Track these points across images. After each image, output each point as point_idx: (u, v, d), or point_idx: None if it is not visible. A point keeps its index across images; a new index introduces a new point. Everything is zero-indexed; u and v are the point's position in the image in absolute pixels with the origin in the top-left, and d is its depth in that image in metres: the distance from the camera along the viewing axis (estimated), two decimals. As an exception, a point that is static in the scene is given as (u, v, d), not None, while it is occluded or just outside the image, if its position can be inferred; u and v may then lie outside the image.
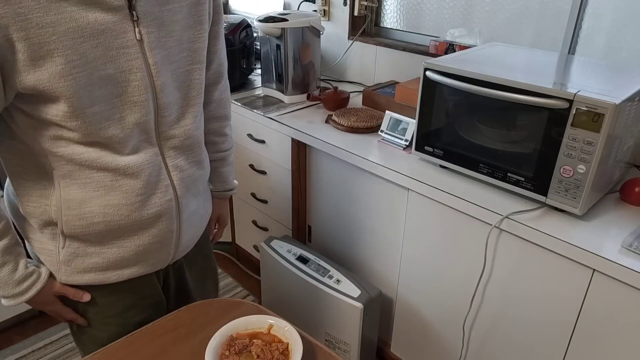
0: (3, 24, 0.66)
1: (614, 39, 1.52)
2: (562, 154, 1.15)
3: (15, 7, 0.66)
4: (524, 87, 1.18)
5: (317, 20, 1.95)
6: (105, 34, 0.75)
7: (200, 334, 0.94)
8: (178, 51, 0.87)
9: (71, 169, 0.82)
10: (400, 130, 1.59)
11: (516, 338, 1.33)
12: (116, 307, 0.98)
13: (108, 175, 0.84)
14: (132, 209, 0.87)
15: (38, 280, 0.89)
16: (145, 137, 0.86)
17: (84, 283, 0.93)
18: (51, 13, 0.69)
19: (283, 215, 2.01)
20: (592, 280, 1.12)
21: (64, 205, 0.85)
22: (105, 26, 0.75)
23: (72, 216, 0.85)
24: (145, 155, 0.87)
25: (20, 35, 0.68)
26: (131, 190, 0.86)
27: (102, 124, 0.79)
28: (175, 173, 0.93)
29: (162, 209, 0.91)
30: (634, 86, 1.16)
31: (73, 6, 0.71)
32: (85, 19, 0.72)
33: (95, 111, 0.78)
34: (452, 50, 1.80)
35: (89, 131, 0.79)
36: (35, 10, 0.68)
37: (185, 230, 0.99)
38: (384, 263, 1.64)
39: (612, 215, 1.23)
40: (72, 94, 0.74)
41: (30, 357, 1.87)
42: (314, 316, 1.68)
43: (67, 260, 0.90)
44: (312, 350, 0.92)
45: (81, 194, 0.84)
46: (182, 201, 0.95)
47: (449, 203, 1.34)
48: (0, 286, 0.86)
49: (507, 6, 1.74)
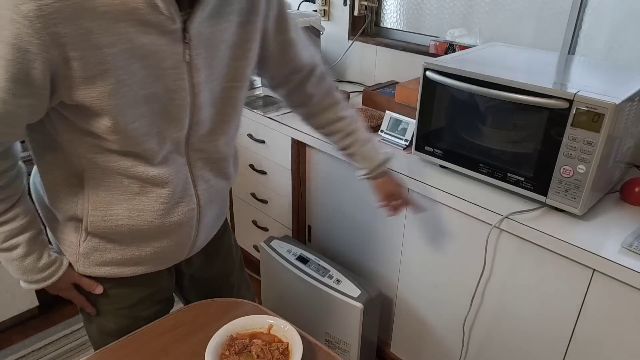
0: (62, 43, 0.66)
1: (614, 39, 1.52)
2: (562, 154, 1.15)
3: (77, 27, 0.66)
4: (524, 87, 1.18)
5: (317, 20, 1.95)
6: (156, 55, 0.75)
7: (201, 333, 0.94)
8: (220, 69, 0.87)
9: (102, 172, 0.84)
10: (400, 130, 1.59)
11: (516, 338, 1.33)
12: (128, 299, 1.01)
13: (137, 182, 0.86)
14: (156, 216, 0.89)
15: (59, 269, 0.92)
16: (175, 148, 0.87)
17: (100, 275, 0.96)
18: (109, 34, 0.69)
19: (283, 215, 2.01)
20: (592, 280, 1.12)
21: (91, 206, 0.87)
22: (157, 48, 0.74)
23: (97, 217, 0.87)
24: (174, 166, 0.88)
25: (77, 55, 0.68)
26: (157, 198, 0.88)
27: (140, 139, 0.80)
28: (200, 184, 0.94)
29: (184, 218, 0.93)
30: (634, 86, 1.16)
31: (130, 28, 0.70)
32: (140, 41, 0.72)
33: (135, 127, 0.78)
34: (452, 50, 1.80)
35: (126, 144, 0.80)
36: (94, 32, 0.68)
37: (201, 234, 1.01)
38: (384, 263, 1.64)
39: (612, 215, 1.23)
40: (118, 111, 0.75)
41: (30, 357, 1.87)
42: (314, 316, 1.68)
43: (87, 253, 0.93)
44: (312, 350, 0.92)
45: (109, 197, 0.86)
46: (203, 210, 0.96)
47: (449, 203, 1.34)
48: (24, 273, 0.89)
49: (507, 6, 1.74)
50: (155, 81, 0.77)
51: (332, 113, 1.12)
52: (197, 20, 0.77)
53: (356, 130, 1.13)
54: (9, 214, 0.85)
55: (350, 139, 1.13)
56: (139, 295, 1.01)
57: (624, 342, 1.11)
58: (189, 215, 0.93)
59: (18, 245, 0.86)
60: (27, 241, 0.87)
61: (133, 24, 0.71)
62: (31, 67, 0.67)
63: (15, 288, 1.91)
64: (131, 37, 0.71)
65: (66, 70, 0.69)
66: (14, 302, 1.94)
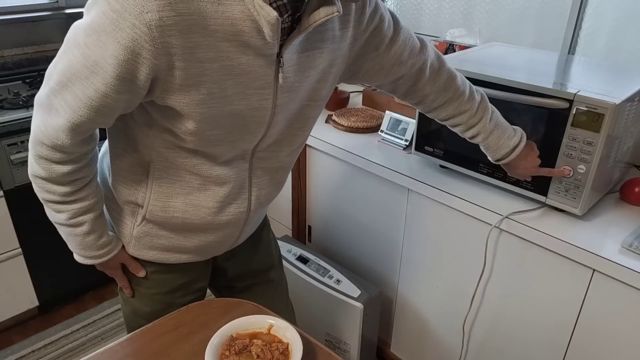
0: (172, 52, 0.70)
1: (614, 39, 1.52)
2: (562, 154, 1.15)
3: (187, 41, 0.70)
4: (524, 87, 1.18)
5: (317, 20, 1.95)
6: (249, 74, 0.78)
7: (201, 333, 0.94)
8: (303, 93, 0.89)
9: (169, 166, 0.88)
10: (400, 130, 1.59)
11: (516, 338, 1.33)
12: (166, 285, 1.06)
13: (199, 178, 0.90)
14: (209, 212, 0.93)
15: (115, 248, 0.98)
16: (241, 153, 0.91)
17: (147, 259, 1.01)
18: (213, 50, 0.72)
19: (283, 215, 2.01)
20: (592, 280, 1.12)
21: (152, 196, 0.91)
22: (252, 68, 0.77)
23: (156, 207, 0.92)
24: (235, 168, 0.91)
25: (182, 65, 0.71)
26: (214, 196, 0.92)
27: (214, 144, 0.84)
28: (256, 189, 0.97)
29: (233, 218, 0.97)
30: (634, 86, 1.16)
31: (232, 47, 0.73)
32: (238, 60, 0.75)
33: (214, 133, 0.82)
34: (452, 50, 1.80)
35: (199, 146, 0.84)
36: (201, 47, 0.71)
37: (245, 233, 1.07)
38: (384, 263, 1.64)
39: (612, 215, 1.23)
40: (201, 119, 0.78)
41: (30, 357, 1.87)
42: (314, 316, 1.68)
43: (139, 236, 0.98)
44: (312, 350, 0.92)
45: (170, 189, 0.91)
46: (251, 214, 1.00)
47: (449, 203, 1.34)
48: (84, 248, 0.95)
49: (507, 6, 1.74)
50: (243, 99, 0.80)
51: (451, 107, 1.08)
52: (292, 45, 0.80)
53: (480, 121, 1.09)
54: (82, 194, 0.89)
55: (473, 130, 1.09)
56: (176, 283, 1.06)
57: (624, 342, 1.11)
58: (239, 216, 0.98)
59: (83, 223, 0.91)
60: (92, 220, 0.92)
61: (236, 44, 0.74)
62: (139, 70, 0.70)
63: (15, 288, 1.91)
64: (232, 55, 0.74)
65: (168, 77, 0.73)
66: (14, 302, 1.94)
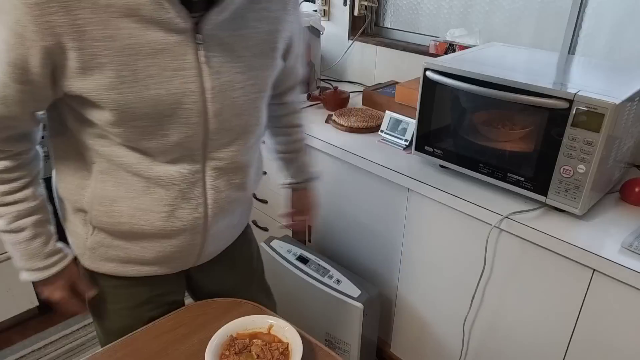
0: (58, 32, 0.66)
1: (614, 39, 1.52)
2: (562, 154, 1.15)
3: (74, 18, 0.66)
4: (524, 87, 1.18)
5: (317, 20, 1.95)
6: (163, 54, 0.74)
7: (200, 333, 0.94)
8: (244, 78, 0.84)
9: (110, 166, 0.84)
10: (400, 130, 1.59)
11: (516, 338, 1.33)
12: (132, 300, 1.01)
13: (142, 180, 0.85)
14: (158, 218, 0.88)
15: (64, 259, 0.92)
16: (188, 153, 0.85)
17: (104, 272, 0.96)
18: (109, 28, 0.69)
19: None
20: (592, 280, 1.12)
21: (95, 201, 0.87)
22: (164, 46, 0.73)
23: (101, 212, 0.88)
24: (182, 170, 0.86)
25: (74, 45, 0.68)
26: (161, 199, 0.86)
27: (144, 136, 0.79)
28: (212, 193, 0.91)
29: (187, 225, 0.91)
30: (634, 86, 1.16)
31: (134, 24, 0.70)
32: (145, 38, 0.71)
33: (138, 124, 0.77)
34: (452, 50, 1.80)
35: (129, 139, 0.80)
36: (93, 24, 0.67)
37: (210, 243, 0.99)
38: (384, 263, 1.64)
39: (612, 215, 1.23)
40: (116, 107, 0.74)
41: (30, 357, 1.87)
42: (314, 316, 1.68)
43: (93, 247, 0.93)
44: (312, 350, 0.92)
45: (114, 192, 0.86)
46: (212, 220, 0.94)
47: (449, 203, 1.34)
48: (30, 257, 0.88)
49: (506, 6, 1.74)
50: (161, 82, 0.75)
51: (291, 118, 1.15)
52: (211, 21, 0.76)
53: (302, 140, 1.19)
54: (19, 194, 0.85)
55: (296, 145, 1.17)
56: (143, 297, 1.01)
57: (624, 342, 1.11)
58: (194, 223, 0.91)
59: (25, 228, 0.86)
60: (34, 224, 0.87)
61: (137, 20, 0.70)
62: (29, 54, 0.68)
63: (15, 288, 1.91)
64: (134, 32, 0.70)
65: (63, 60, 0.70)
66: (14, 302, 1.94)
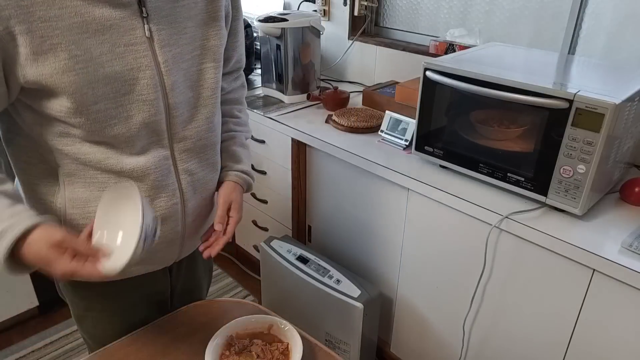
0: (4, 16, 0.65)
1: (614, 39, 1.52)
2: (562, 154, 1.15)
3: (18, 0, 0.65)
4: (524, 87, 1.18)
5: (317, 20, 1.95)
6: (112, 30, 0.74)
7: (201, 333, 0.94)
8: (191, 49, 0.85)
9: (76, 167, 0.82)
10: (400, 130, 1.59)
11: (516, 338, 1.33)
12: (121, 305, 0.98)
13: (113, 176, 0.83)
14: None
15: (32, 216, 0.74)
16: (156, 138, 0.85)
17: None
18: (55, 7, 0.68)
19: (283, 215, 2.00)
20: (592, 280, 1.12)
21: (68, 204, 0.85)
22: (112, 22, 0.73)
23: (75, 215, 0.85)
24: (153, 158, 0.85)
25: (23, 29, 0.67)
26: None
27: (107, 122, 0.78)
28: (185, 177, 0.90)
29: (166, 212, 0.89)
30: (634, 86, 1.16)
31: (79, 1, 0.70)
32: (91, 14, 0.71)
33: (99, 108, 0.76)
34: (452, 50, 1.80)
35: (93, 129, 0.78)
36: (38, 4, 0.67)
37: (190, 231, 0.97)
38: (384, 263, 1.64)
39: (612, 215, 1.23)
40: (75, 89, 0.73)
41: (30, 357, 1.87)
42: (314, 316, 1.68)
43: None
44: (312, 350, 0.92)
45: (86, 193, 0.84)
46: (189, 204, 0.93)
47: (449, 203, 1.34)
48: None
49: (506, 6, 1.74)
50: (115, 58, 0.75)
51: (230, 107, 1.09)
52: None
53: (238, 132, 1.09)
54: None
55: (229, 134, 1.07)
56: (132, 300, 0.99)
57: (624, 342, 1.11)
58: (173, 210, 0.90)
59: None
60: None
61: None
62: None
63: (15, 288, 1.91)
64: (80, 10, 0.70)
65: (14, 47, 0.68)
66: (14, 302, 1.94)
